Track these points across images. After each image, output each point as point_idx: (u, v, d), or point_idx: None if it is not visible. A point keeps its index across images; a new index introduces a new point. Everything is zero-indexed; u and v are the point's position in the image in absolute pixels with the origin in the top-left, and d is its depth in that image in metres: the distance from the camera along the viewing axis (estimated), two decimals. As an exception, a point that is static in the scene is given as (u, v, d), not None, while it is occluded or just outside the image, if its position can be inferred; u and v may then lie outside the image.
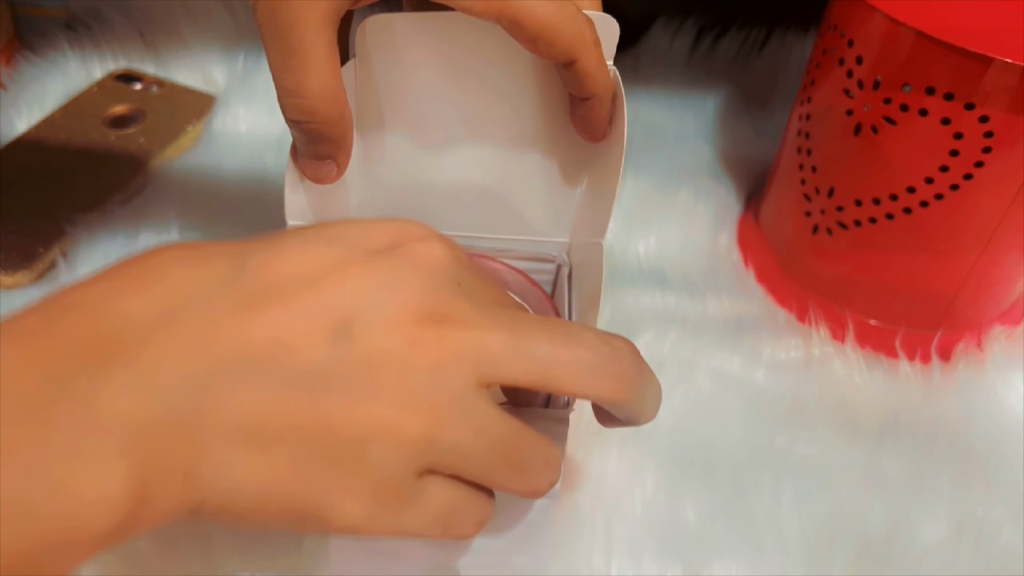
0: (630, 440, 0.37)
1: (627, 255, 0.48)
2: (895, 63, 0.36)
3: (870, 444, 0.39)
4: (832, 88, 0.40)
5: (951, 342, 0.43)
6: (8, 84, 0.55)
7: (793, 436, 0.39)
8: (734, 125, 0.57)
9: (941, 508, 0.36)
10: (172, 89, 0.55)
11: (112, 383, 0.19)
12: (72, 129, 0.52)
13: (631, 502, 0.36)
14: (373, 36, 0.29)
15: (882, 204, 0.39)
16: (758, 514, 0.36)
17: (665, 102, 0.58)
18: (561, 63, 0.27)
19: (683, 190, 0.51)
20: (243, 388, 0.20)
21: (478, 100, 0.31)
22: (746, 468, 0.38)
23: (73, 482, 0.18)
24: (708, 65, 0.61)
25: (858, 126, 0.39)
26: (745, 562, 0.34)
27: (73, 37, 0.57)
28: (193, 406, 0.20)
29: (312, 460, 0.20)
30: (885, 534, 0.35)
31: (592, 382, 0.23)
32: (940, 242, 0.39)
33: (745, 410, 0.40)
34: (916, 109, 0.36)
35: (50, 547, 0.18)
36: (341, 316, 0.21)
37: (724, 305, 0.45)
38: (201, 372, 0.20)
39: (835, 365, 0.42)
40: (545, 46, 0.26)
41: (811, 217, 0.43)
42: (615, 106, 0.30)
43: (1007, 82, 0.33)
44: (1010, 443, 0.39)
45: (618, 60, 0.29)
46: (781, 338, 0.43)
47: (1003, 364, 0.42)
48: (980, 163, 0.36)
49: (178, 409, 0.19)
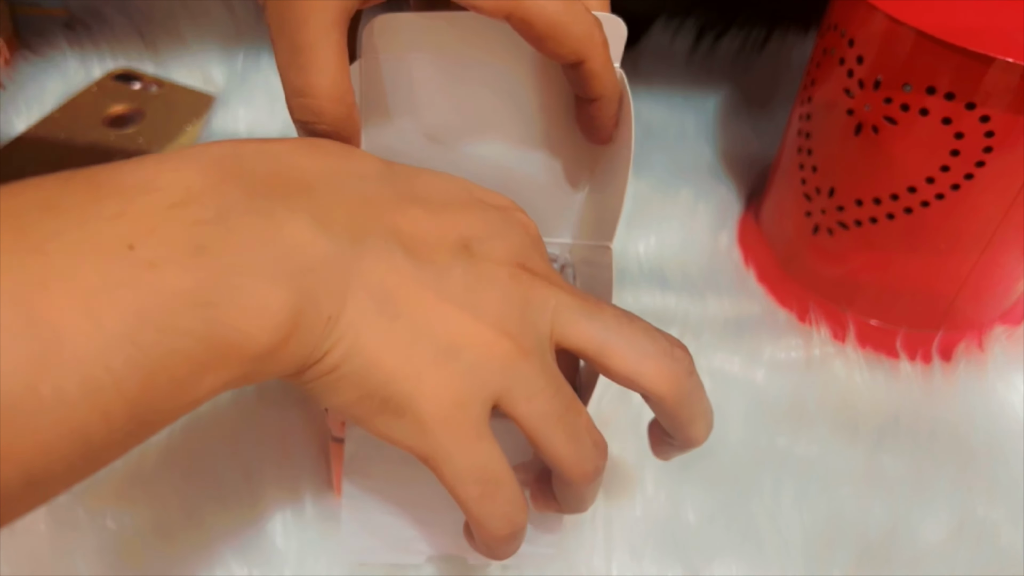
0: (630, 440, 0.37)
1: (627, 255, 0.48)
2: (896, 63, 0.36)
3: (871, 444, 0.39)
4: (833, 88, 0.40)
5: (952, 342, 0.43)
6: (7, 84, 0.55)
7: (794, 436, 0.39)
8: (735, 125, 0.57)
9: (942, 508, 0.36)
10: (171, 89, 0.55)
11: (294, 214, 0.21)
12: (71, 129, 0.52)
13: (631, 502, 0.36)
14: (379, 36, 0.29)
15: (883, 204, 0.39)
16: (758, 514, 0.36)
17: (666, 101, 0.58)
18: (569, 63, 0.27)
19: (684, 190, 0.51)
20: (389, 258, 0.22)
21: (484, 100, 0.31)
22: (746, 468, 0.37)
23: (246, 288, 0.19)
24: (709, 65, 0.61)
25: (859, 126, 0.39)
26: (745, 562, 0.34)
27: (72, 37, 0.57)
28: (350, 258, 0.21)
29: (422, 344, 0.22)
30: (885, 534, 0.35)
31: (643, 365, 0.24)
32: (941, 242, 0.39)
33: (746, 410, 0.40)
34: (917, 109, 0.36)
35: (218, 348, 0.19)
36: (465, 237, 0.24)
37: (724, 305, 0.45)
38: (361, 232, 0.22)
39: (836, 365, 0.42)
40: (554, 45, 0.26)
41: (812, 217, 0.43)
42: (622, 109, 0.30)
43: (1008, 82, 0.33)
44: (1011, 443, 0.39)
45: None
46: (782, 338, 0.43)
47: (1004, 364, 0.42)
48: (981, 163, 0.36)
49: (339, 256, 0.21)
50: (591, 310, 0.24)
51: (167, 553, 0.33)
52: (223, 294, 0.19)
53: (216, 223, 0.20)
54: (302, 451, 0.36)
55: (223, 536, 0.33)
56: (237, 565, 0.32)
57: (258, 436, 0.36)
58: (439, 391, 0.22)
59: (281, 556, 0.33)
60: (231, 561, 0.32)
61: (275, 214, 0.21)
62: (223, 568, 0.32)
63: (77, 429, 0.17)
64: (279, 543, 0.33)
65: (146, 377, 0.18)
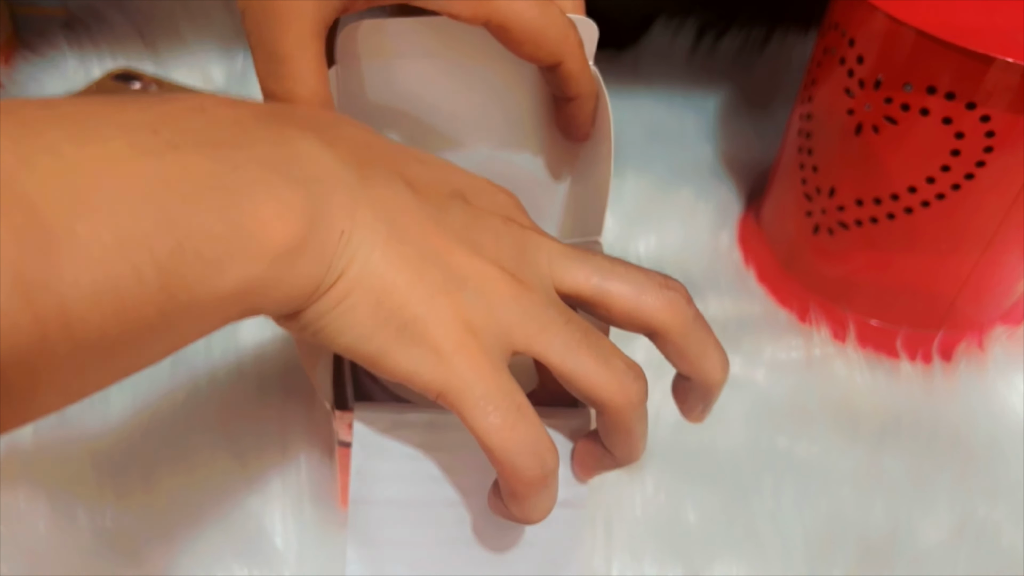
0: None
1: (627, 254, 0.48)
2: (896, 62, 0.36)
3: (871, 444, 0.39)
4: (833, 87, 0.40)
5: (952, 342, 0.43)
6: (7, 83, 0.55)
7: (794, 436, 0.39)
8: (735, 125, 0.57)
9: (942, 508, 0.36)
10: (171, 89, 0.55)
11: (304, 132, 0.22)
12: (71, 128, 0.52)
13: (631, 503, 0.36)
14: (356, 41, 0.29)
15: (883, 204, 0.39)
16: (759, 515, 0.36)
17: (666, 101, 0.58)
18: (546, 66, 0.28)
19: (684, 189, 0.51)
20: (392, 188, 0.23)
21: (464, 103, 0.31)
22: (747, 468, 0.37)
23: (263, 180, 0.20)
24: (709, 64, 0.60)
25: (859, 126, 0.38)
26: (746, 563, 0.34)
27: (72, 36, 0.57)
28: (357, 180, 0.22)
29: (431, 270, 0.22)
30: (886, 534, 0.35)
31: (642, 300, 0.24)
32: (941, 242, 0.39)
33: (746, 410, 0.40)
34: (917, 109, 0.36)
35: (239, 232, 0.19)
36: (458, 188, 0.25)
37: (725, 305, 0.45)
38: (363, 162, 0.22)
39: (836, 365, 0.42)
40: (532, 49, 0.27)
41: (812, 217, 0.43)
42: (599, 105, 0.30)
43: (1008, 82, 0.33)
44: (1011, 443, 0.39)
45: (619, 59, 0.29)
46: (782, 338, 0.43)
47: (1004, 364, 0.42)
48: (981, 163, 0.36)
49: (347, 176, 0.22)
50: (583, 255, 0.25)
51: (167, 553, 0.33)
52: (243, 182, 0.19)
53: (233, 125, 0.20)
54: (302, 451, 0.36)
55: (223, 536, 0.33)
56: (237, 565, 0.32)
57: (258, 436, 0.36)
58: (451, 316, 0.22)
59: (281, 556, 0.33)
60: (231, 561, 0.32)
61: (285, 130, 0.21)
62: (223, 568, 0.32)
63: (111, 277, 0.17)
64: (279, 544, 0.33)
65: (174, 244, 0.18)
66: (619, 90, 0.54)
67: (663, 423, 0.38)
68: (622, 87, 0.57)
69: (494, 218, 0.24)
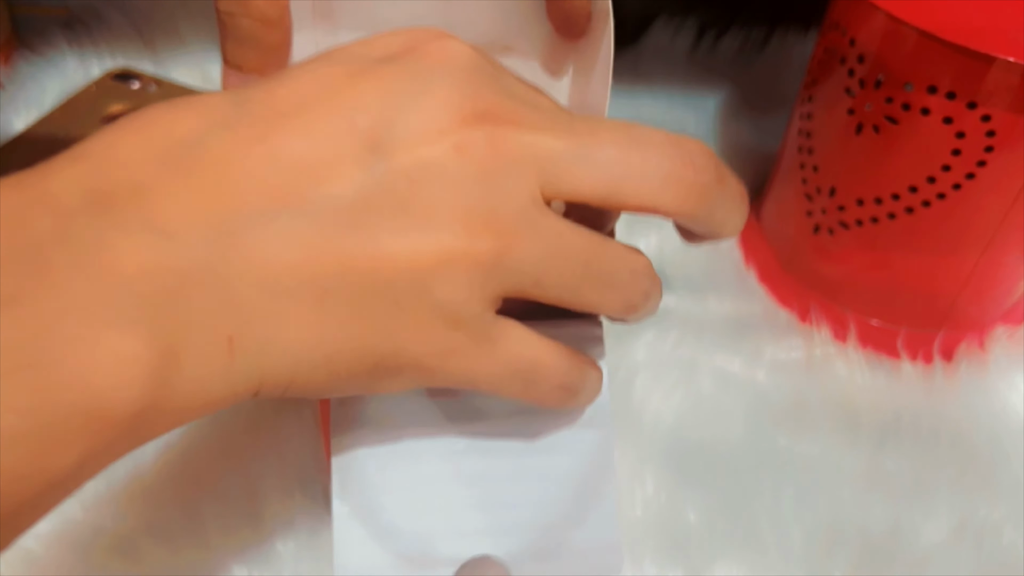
0: (630, 440, 0.37)
1: (628, 255, 0.48)
2: (897, 62, 0.36)
3: (872, 444, 0.39)
4: (834, 87, 0.39)
5: (953, 342, 0.43)
6: (6, 83, 0.55)
7: (795, 436, 0.39)
8: (735, 124, 0.57)
9: (943, 508, 0.36)
10: (170, 88, 0.55)
11: (120, 230, 0.16)
12: (70, 128, 0.51)
13: (631, 503, 0.36)
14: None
15: (884, 203, 0.39)
16: (759, 515, 0.36)
17: (666, 101, 0.58)
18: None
19: (684, 189, 0.51)
20: (274, 233, 0.17)
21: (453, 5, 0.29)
22: (747, 469, 0.37)
23: (84, 338, 0.15)
24: (709, 64, 0.60)
25: (860, 125, 0.38)
26: (746, 563, 0.34)
27: (71, 36, 0.57)
28: (219, 259, 0.17)
29: (373, 304, 0.18)
30: (887, 534, 0.35)
31: (663, 195, 0.20)
32: (942, 241, 0.39)
33: (746, 410, 0.40)
34: (918, 108, 0.36)
35: (64, 421, 0.15)
36: (369, 131, 0.18)
37: (725, 305, 0.45)
38: (220, 219, 0.17)
39: (837, 365, 0.42)
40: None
41: (813, 217, 0.43)
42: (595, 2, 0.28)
43: (1009, 81, 0.33)
44: (1012, 443, 0.39)
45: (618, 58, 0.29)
46: (783, 338, 0.43)
47: (1005, 364, 0.42)
48: (982, 162, 0.36)
49: (202, 262, 0.17)
50: (584, 148, 0.20)
51: (167, 554, 0.32)
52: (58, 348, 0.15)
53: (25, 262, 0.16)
54: (301, 452, 0.36)
55: (222, 538, 0.33)
56: (237, 566, 0.32)
57: (257, 436, 0.36)
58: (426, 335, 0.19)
59: (280, 558, 0.33)
60: (231, 562, 0.32)
61: (98, 237, 0.16)
62: (223, 569, 0.32)
63: None
64: (278, 545, 0.33)
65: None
66: (619, 89, 0.54)
67: (663, 424, 0.38)
68: (622, 86, 0.57)
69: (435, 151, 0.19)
